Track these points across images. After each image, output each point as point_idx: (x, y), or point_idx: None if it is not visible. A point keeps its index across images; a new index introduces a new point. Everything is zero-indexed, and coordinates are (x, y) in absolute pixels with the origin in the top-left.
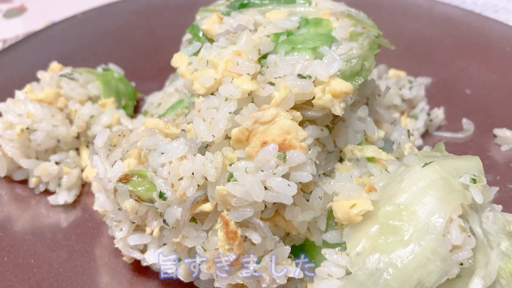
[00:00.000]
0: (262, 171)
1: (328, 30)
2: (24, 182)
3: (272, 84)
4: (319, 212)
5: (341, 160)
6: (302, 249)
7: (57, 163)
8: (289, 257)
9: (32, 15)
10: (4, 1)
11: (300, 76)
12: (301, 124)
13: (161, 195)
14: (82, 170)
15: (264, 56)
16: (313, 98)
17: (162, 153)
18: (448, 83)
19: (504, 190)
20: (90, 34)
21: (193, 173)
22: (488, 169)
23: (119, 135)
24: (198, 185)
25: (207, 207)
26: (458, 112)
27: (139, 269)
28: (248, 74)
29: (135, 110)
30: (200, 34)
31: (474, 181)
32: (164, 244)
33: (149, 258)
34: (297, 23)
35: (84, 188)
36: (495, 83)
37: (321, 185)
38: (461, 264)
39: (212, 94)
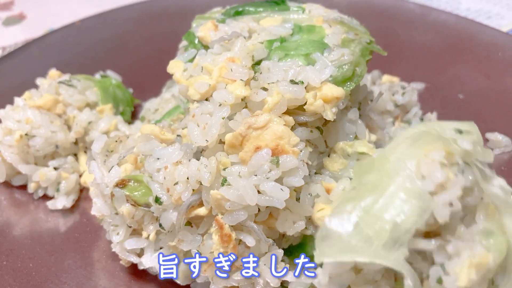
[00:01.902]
0: (256, 175)
1: (320, 37)
2: (23, 187)
3: (265, 89)
4: (311, 211)
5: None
6: (301, 248)
7: (55, 168)
8: (282, 260)
9: (31, 22)
10: (3, 9)
11: (292, 82)
12: (292, 126)
13: (157, 200)
14: (80, 175)
15: (258, 63)
16: (305, 103)
17: (158, 159)
18: (441, 88)
19: None
20: (88, 42)
21: (188, 178)
22: None
23: (116, 141)
24: (193, 190)
25: (202, 211)
26: (451, 116)
27: (136, 273)
28: (241, 80)
29: (133, 116)
30: (196, 41)
31: (461, 132)
32: (160, 248)
33: (146, 262)
34: (291, 30)
35: (82, 193)
36: (487, 88)
37: (310, 183)
38: (451, 204)
39: (206, 99)
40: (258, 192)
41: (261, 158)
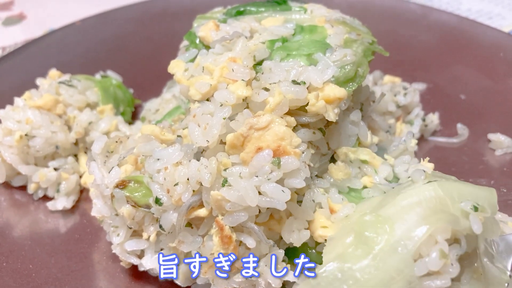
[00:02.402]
0: (257, 176)
1: (322, 37)
2: (23, 188)
3: (266, 90)
4: (312, 215)
5: (334, 160)
6: (301, 249)
7: (55, 169)
8: (283, 260)
9: (31, 23)
10: (3, 9)
11: (294, 82)
12: (294, 127)
13: (157, 201)
14: (80, 176)
15: (260, 63)
16: (307, 104)
17: (158, 159)
18: (442, 89)
19: (498, 194)
20: (89, 42)
21: (188, 179)
22: (482, 174)
23: (116, 142)
24: (193, 191)
25: (202, 212)
26: (453, 117)
27: (137, 274)
28: (243, 80)
29: (133, 116)
30: (197, 41)
31: (476, 209)
32: (161, 249)
33: (146, 263)
34: (293, 30)
35: (83, 194)
36: (489, 88)
37: (313, 188)
38: None
39: (207, 100)
40: (259, 193)
41: (262, 159)
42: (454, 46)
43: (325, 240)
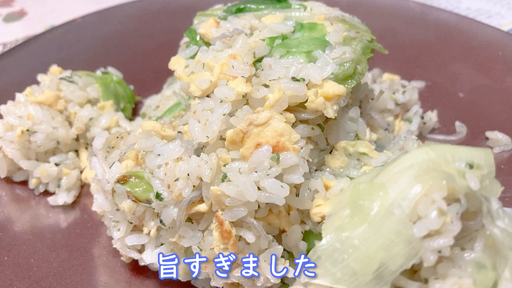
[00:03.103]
0: (256, 172)
1: (322, 35)
2: (24, 183)
3: (266, 86)
4: (310, 204)
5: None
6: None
7: (56, 164)
8: (282, 256)
9: (32, 19)
10: (4, 5)
11: (294, 79)
12: (293, 123)
13: (158, 196)
14: (81, 172)
15: (260, 60)
16: (306, 100)
17: (159, 155)
18: (441, 87)
19: None
20: (89, 38)
21: (188, 174)
22: None
23: (117, 137)
24: (194, 186)
25: (202, 207)
26: (451, 115)
27: (137, 269)
28: (242, 76)
29: (134, 112)
30: (197, 38)
31: (471, 167)
32: (161, 244)
33: (147, 258)
34: (292, 27)
35: (83, 189)
36: (487, 86)
37: (310, 178)
38: (439, 251)
39: (207, 96)
40: (258, 188)
41: (262, 154)
42: (453, 44)
43: (322, 218)
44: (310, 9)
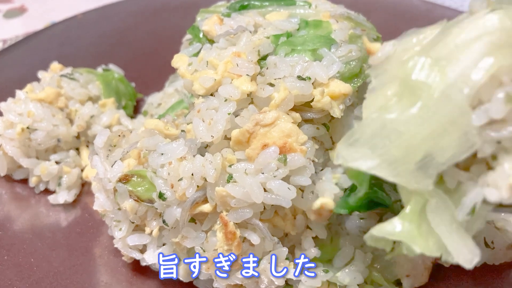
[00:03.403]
0: (263, 173)
1: (327, 32)
2: (24, 181)
3: (271, 85)
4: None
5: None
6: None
7: (57, 162)
8: (287, 258)
9: (32, 15)
10: (4, 2)
11: (299, 77)
12: (298, 123)
13: (161, 196)
14: (82, 170)
15: (264, 58)
16: (312, 100)
17: (162, 154)
18: None
19: None
20: (90, 35)
21: (192, 174)
22: None
23: (119, 136)
24: (198, 186)
25: (206, 207)
26: None
27: (139, 269)
28: (247, 75)
29: (135, 110)
30: (201, 35)
31: None
32: (163, 244)
33: (149, 258)
34: (297, 25)
35: (84, 188)
36: None
37: (315, 180)
38: (499, 142)
39: (211, 94)
40: (264, 190)
41: (269, 156)
42: None
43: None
44: (314, 6)
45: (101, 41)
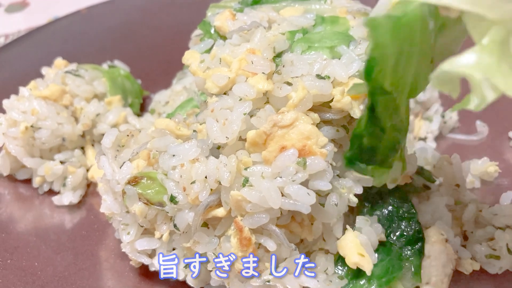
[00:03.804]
0: (281, 177)
1: (345, 29)
2: (28, 181)
3: (289, 84)
4: (334, 218)
5: None
6: None
7: (62, 162)
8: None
9: (34, 10)
10: None
11: (318, 76)
12: (317, 125)
13: (172, 199)
14: (87, 170)
15: (279, 55)
16: (331, 100)
17: (173, 155)
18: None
19: None
20: (95, 30)
21: (206, 177)
22: (503, 173)
23: (128, 135)
24: (211, 190)
25: (220, 212)
26: (472, 114)
27: (147, 274)
28: (263, 73)
29: (142, 108)
30: (212, 31)
31: None
32: (173, 249)
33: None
34: (313, 20)
35: (90, 188)
36: None
37: (335, 189)
38: None
39: (225, 93)
40: (282, 195)
41: (287, 159)
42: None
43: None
44: (330, 1)
45: (106, 37)
